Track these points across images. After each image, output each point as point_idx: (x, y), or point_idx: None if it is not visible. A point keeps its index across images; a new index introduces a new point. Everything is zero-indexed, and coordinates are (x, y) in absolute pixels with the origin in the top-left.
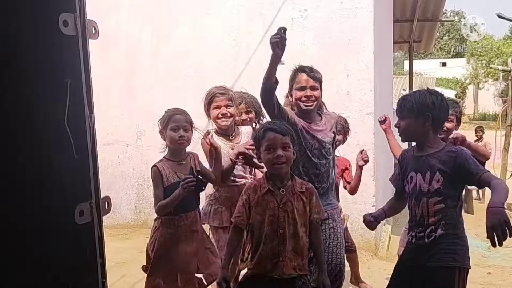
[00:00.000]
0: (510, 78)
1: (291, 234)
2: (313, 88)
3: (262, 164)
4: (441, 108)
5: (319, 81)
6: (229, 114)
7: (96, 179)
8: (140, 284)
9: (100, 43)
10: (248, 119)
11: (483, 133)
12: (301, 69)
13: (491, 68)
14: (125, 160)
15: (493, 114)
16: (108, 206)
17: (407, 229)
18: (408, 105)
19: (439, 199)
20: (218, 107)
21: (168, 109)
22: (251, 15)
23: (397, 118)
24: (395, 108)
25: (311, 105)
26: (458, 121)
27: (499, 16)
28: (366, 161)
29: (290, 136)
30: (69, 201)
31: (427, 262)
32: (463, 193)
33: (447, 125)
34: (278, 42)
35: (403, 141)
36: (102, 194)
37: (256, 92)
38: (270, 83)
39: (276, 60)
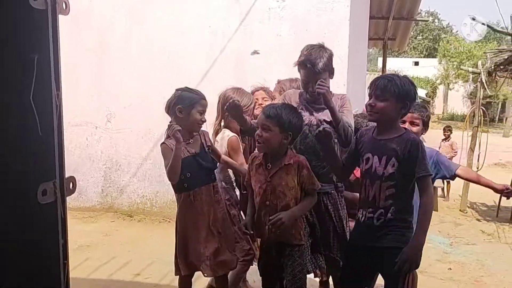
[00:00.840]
0: (479, 80)
1: (281, 206)
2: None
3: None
4: (416, 99)
5: (324, 70)
6: None
7: (61, 158)
8: (104, 268)
9: (72, 20)
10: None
11: (451, 132)
12: (303, 63)
13: (461, 69)
14: (94, 143)
15: (461, 114)
16: (72, 186)
17: None
18: (392, 89)
19: (392, 183)
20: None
21: (187, 89)
22: (228, 2)
23: (371, 97)
24: (369, 88)
25: (315, 97)
26: (425, 125)
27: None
28: None
29: (276, 121)
30: (32, 180)
31: (374, 243)
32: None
33: (413, 129)
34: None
35: (373, 121)
36: (68, 176)
37: (230, 80)
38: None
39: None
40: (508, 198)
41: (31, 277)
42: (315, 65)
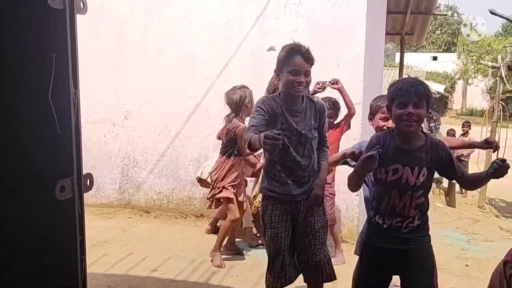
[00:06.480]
0: (499, 74)
1: None
2: (306, 74)
3: None
4: None
5: (313, 63)
6: None
7: (78, 155)
8: (121, 264)
9: (89, 19)
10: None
11: (470, 128)
12: (297, 50)
13: (480, 64)
14: (111, 140)
15: (480, 110)
16: (90, 183)
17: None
18: (426, 92)
19: (422, 192)
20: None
21: None
22: None
23: (408, 104)
24: (401, 95)
25: (301, 91)
26: None
27: (492, 13)
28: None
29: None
30: (50, 176)
31: (401, 246)
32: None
33: (390, 123)
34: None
35: (413, 131)
36: (86, 172)
37: (246, 76)
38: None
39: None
40: (494, 151)
41: (49, 272)
42: (308, 52)
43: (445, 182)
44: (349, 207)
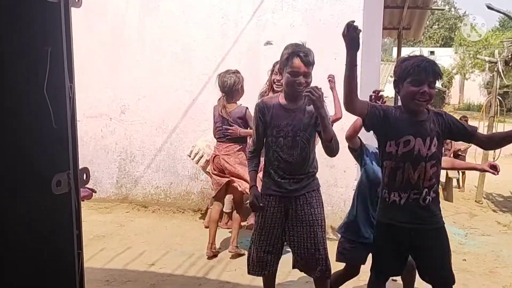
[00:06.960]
0: (496, 69)
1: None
2: (306, 75)
3: None
4: None
5: (312, 64)
6: None
7: (74, 149)
8: (119, 258)
9: (86, 13)
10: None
11: (467, 123)
12: (296, 53)
13: (478, 59)
14: (108, 134)
15: (477, 104)
16: (86, 177)
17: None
18: (440, 74)
19: (434, 162)
20: None
21: None
22: None
23: (424, 83)
24: (418, 72)
25: (301, 91)
26: None
27: (489, 7)
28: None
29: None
30: (46, 171)
31: (421, 224)
32: (443, 181)
33: None
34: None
35: (422, 110)
36: (83, 167)
37: (242, 71)
38: None
39: None
40: (496, 174)
41: (46, 267)
42: (308, 54)
43: (443, 177)
44: (346, 202)
